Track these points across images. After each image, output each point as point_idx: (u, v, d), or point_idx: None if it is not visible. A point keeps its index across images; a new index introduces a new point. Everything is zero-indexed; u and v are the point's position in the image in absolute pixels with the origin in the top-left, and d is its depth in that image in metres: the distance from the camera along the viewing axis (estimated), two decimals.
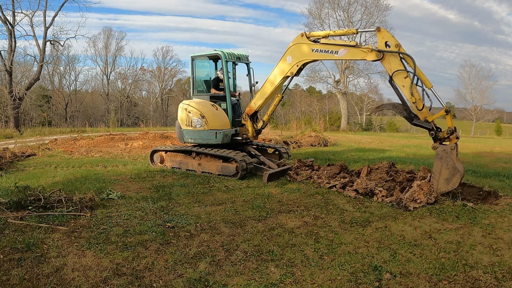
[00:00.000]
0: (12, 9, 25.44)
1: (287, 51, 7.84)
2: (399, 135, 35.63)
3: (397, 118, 69.37)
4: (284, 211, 5.73)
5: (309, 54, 7.55)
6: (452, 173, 6.02)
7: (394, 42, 6.49)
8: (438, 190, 6.14)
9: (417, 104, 6.29)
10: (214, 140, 8.73)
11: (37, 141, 14.79)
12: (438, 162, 6.12)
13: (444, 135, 6.26)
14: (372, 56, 6.69)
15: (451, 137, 6.20)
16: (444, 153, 6.08)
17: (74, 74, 53.07)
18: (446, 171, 6.06)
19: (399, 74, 6.44)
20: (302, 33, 7.60)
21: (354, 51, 6.94)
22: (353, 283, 3.47)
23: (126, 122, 49.44)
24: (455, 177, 6.01)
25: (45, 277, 3.46)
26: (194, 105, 8.84)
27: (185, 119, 8.99)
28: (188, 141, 9.15)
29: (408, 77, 6.36)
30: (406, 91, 6.36)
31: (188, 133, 9.04)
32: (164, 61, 57.23)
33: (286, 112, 51.30)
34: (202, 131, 8.77)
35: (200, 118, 8.72)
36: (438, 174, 6.14)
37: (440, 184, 6.13)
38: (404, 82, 6.40)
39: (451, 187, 6.07)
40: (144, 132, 19.80)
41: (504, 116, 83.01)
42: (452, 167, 6.01)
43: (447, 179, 6.07)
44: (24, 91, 27.53)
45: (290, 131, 22.47)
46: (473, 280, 3.53)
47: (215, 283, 3.44)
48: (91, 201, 5.63)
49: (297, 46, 7.66)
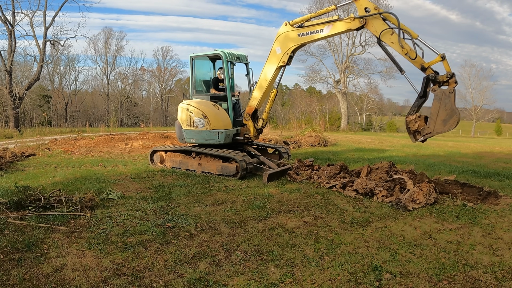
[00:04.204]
0: (12, 9, 25.49)
1: (275, 43, 8.07)
2: (399, 135, 35.62)
3: (397, 118, 69.35)
4: (284, 211, 5.73)
5: (296, 39, 7.80)
6: (449, 114, 6.03)
7: (372, 6, 6.76)
8: (435, 131, 6.17)
9: (409, 55, 6.35)
10: (216, 140, 8.71)
11: (37, 141, 14.79)
12: (437, 103, 6.12)
13: (444, 78, 6.18)
14: (356, 24, 6.93)
15: (450, 81, 6.14)
16: (443, 94, 6.07)
17: (74, 74, 53.14)
18: (444, 112, 6.07)
19: (386, 33, 6.62)
20: (285, 22, 7.90)
21: (337, 25, 7.23)
22: (353, 283, 3.47)
23: (126, 122, 49.46)
24: (452, 119, 6.02)
25: (45, 277, 3.46)
26: (196, 105, 8.82)
27: (186, 119, 8.97)
28: (189, 141, 9.10)
29: (394, 33, 6.53)
30: (396, 46, 6.52)
31: (189, 133, 9.01)
32: (164, 61, 57.28)
33: (286, 112, 51.31)
34: (205, 131, 8.75)
35: (202, 118, 8.70)
36: (436, 115, 6.15)
37: (437, 125, 6.15)
38: (392, 39, 6.57)
39: (448, 128, 6.12)
40: (144, 132, 19.80)
41: (504, 116, 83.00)
42: (450, 109, 6.02)
43: (444, 120, 6.09)
44: (24, 91, 27.54)
45: (290, 131, 22.47)
46: (473, 280, 3.53)
47: (215, 283, 3.44)
48: (91, 201, 5.63)
49: (284, 35, 7.93)
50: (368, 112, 53.86)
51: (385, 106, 66.79)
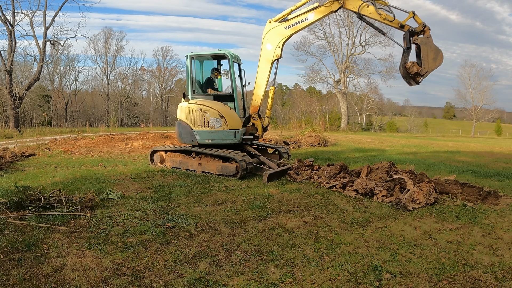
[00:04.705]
0: (12, 9, 25.51)
1: (264, 41, 8.56)
2: (399, 135, 35.60)
3: (397, 118, 69.35)
4: (284, 211, 5.73)
5: (285, 32, 8.39)
6: (436, 53, 7.35)
7: None
8: (430, 68, 7.34)
9: (387, 19, 7.54)
10: (233, 140, 8.75)
11: (37, 141, 14.79)
12: (424, 47, 7.33)
13: (420, 28, 7.39)
14: (336, 6, 7.88)
15: (425, 29, 7.37)
16: (426, 39, 7.34)
17: (74, 74, 53.19)
18: (431, 52, 7.33)
19: (363, 7, 7.66)
20: (269, 20, 8.49)
21: (319, 10, 8.09)
22: (353, 283, 3.47)
23: (126, 122, 49.48)
24: (439, 55, 7.37)
25: (45, 277, 3.46)
26: (211, 105, 8.75)
27: (199, 120, 8.78)
28: (203, 142, 8.86)
29: (369, 5, 7.62)
30: (374, 15, 7.61)
31: (204, 134, 8.80)
32: (164, 61, 57.35)
33: (286, 112, 51.32)
34: (222, 131, 8.68)
35: (219, 118, 8.63)
36: (427, 56, 7.35)
37: (430, 63, 7.35)
38: (369, 10, 7.65)
39: (438, 63, 7.38)
40: (144, 132, 19.81)
41: (504, 116, 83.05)
42: (435, 49, 7.36)
43: (434, 58, 7.35)
44: (24, 91, 27.54)
45: (290, 131, 22.48)
46: (473, 280, 3.53)
47: (215, 283, 3.43)
48: (91, 201, 5.62)
49: (271, 32, 8.45)
50: (368, 112, 53.86)
51: (385, 106, 66.87)
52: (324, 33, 41.28)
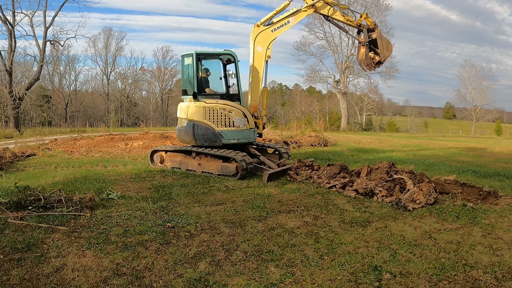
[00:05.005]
0: (12, 9, 25.49)
1: (254, 44, 9.15)
2: (399, 135, 35.63)
3: (397, 118, 69.31)
4: (284, 211, 5.73)
5: (272, 35, 9.17)
6: (387, 44, 9.50)
7: None
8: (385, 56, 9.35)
9: (349, 20, 9.33)
10: (252, 138, 9.14)
11: (37, 141, 14.78)
12: (380, 40, 9.28)
13: (372, 26, 9.28)
14: (311, 10, 9.19)
15: (375, 26, 9.32)
16: (380, 34, 9.33)
17: (74, 74, 53.15)
18: (385, 43, 9.41)
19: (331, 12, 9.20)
20: (256, 24, 9.15)
21: (298, 14, 9.20)
22: (353, 283, 3.47)
23: (126, 122, 49.48)
24: (389, 45, 9.55)
25: (45, 277, 3.46)
26: (233, 105, 8.90)
27: (222, 120, 8.74)
28: (228, 142, 8.79)
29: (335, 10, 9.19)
30: (339, 17, 9.27)
31: (229, 134, 8.77)
32: (164, 61, 57.29)
33: (286, 112, 51.33)
34: (245, 130, 9.00)
35: (243, 117, 8.93)
36: (382, 47, 9.27)
37: (385, 52, 9.30)
38: (335, 13, 9.23)
39: (390, 51, 9.49)
40: (144, 132, 19.81)
41: (504, 116, 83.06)
42: (386, 41, 9.54)
43: (387, 48, 9.38)
44: (24, 91, 27.53)
45: (290, 131, 22.48)
46: (473, 280, 3.53)
47: (215, 283, 3.43)
48: (91, 201, 5.62)
49: (260, 35, 9.12)
50: (368, 112, 53.86)
51: (385, 106, 66.85)
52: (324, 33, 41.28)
